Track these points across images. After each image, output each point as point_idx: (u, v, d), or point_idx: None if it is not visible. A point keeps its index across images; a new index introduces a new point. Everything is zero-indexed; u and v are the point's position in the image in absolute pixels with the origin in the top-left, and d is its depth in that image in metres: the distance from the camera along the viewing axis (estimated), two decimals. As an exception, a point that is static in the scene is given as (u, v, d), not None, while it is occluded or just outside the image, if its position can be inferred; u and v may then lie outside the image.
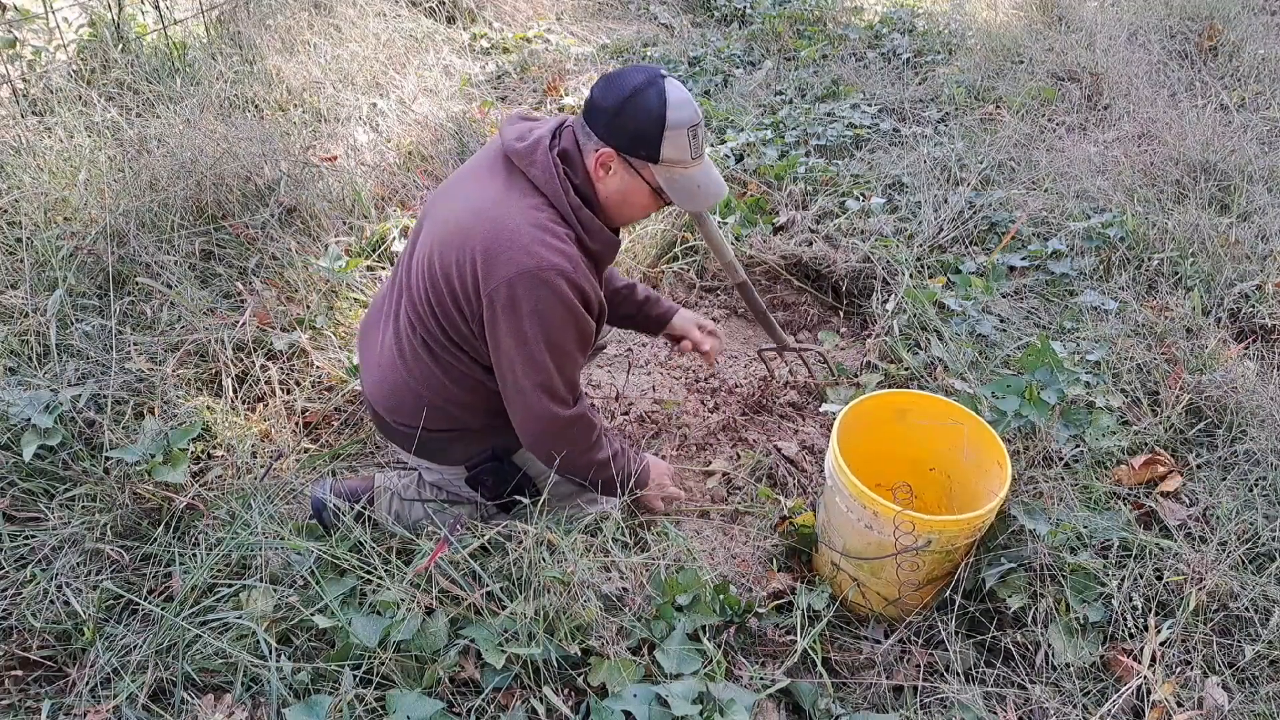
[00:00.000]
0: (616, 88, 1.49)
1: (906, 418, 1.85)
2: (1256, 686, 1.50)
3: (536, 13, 5.88)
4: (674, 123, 1.48)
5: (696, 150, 1.54)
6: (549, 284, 1.48)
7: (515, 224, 1.49)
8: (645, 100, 1.47)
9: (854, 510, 1.61)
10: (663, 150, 1.50)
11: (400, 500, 1.88)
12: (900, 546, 1.54)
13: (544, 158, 1.53)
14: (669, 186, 1.55)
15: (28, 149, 2.74)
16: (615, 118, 1.49)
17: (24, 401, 1.91)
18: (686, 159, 1.53)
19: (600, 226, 1.58)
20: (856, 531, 1.63)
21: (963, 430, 1.77)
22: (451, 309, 1.58)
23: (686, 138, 1.50)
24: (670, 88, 1.48)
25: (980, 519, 1.55)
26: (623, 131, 1.49)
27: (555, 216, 1.53)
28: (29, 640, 1.58)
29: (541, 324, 1.51)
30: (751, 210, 3.19)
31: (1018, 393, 1.88)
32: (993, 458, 1.68)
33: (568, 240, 1.52)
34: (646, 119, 1.47)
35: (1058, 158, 3.41)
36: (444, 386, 1.68)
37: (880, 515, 1.55)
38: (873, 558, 1.62)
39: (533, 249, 1.47)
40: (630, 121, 1.48)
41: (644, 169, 1.54)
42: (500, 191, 1.54)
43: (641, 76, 1.49)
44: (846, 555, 1.67)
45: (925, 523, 1.51)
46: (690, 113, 1.50)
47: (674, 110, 1.48)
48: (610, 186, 1.57)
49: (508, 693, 1.45)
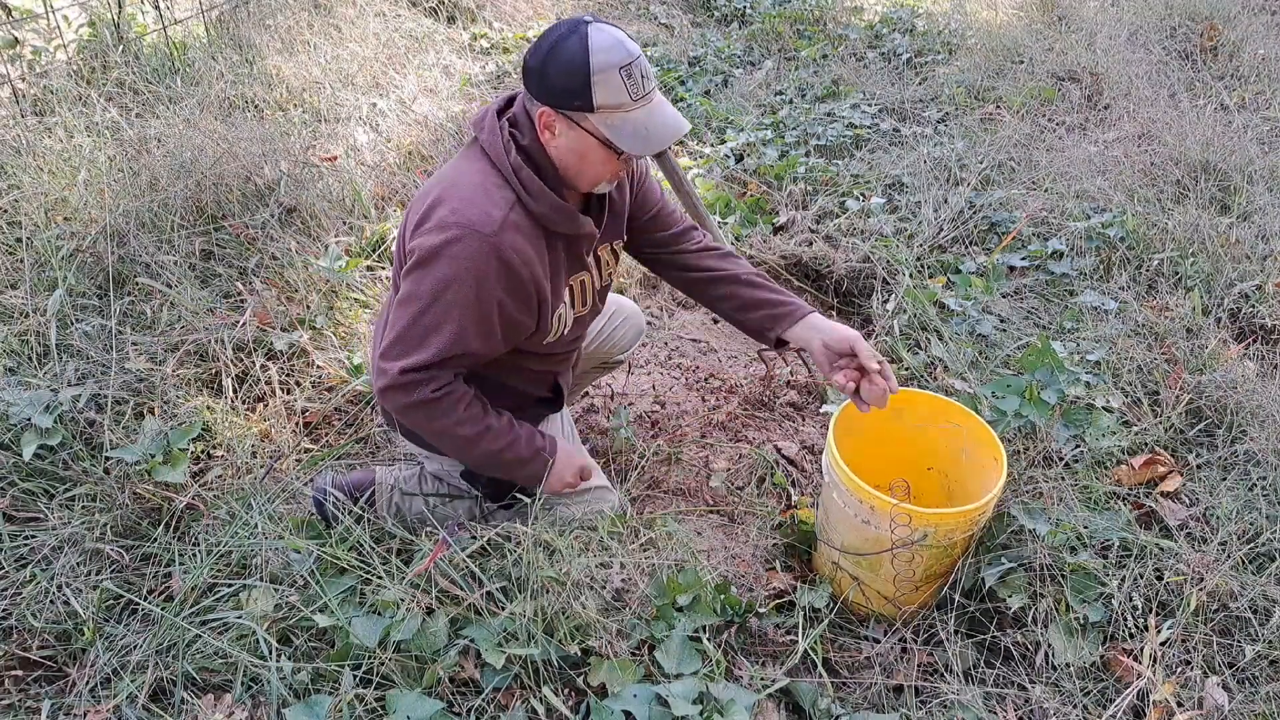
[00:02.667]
0: (541, 43, 1.46)
1: (903, 416, 1.84)
2: (1256, 686, 1.50)
3: (536, 13, 5.88)
4: (600, 66, 1.42)
5: (636, 90, 1.46)
6: (467, 245, 1.45)
7: (452, 186, 1.50)
8: (567, 49, 1.43)
9: (851, 505, 1.61)
10: (594, 96, 1.44)
11: (401, 494, 1.87)
12: (897, 541, 1.54)
13: (490, 121, 1.54)
14: (614, 134, 1.47)
15: (28, 149, 2.74)
16: (543, 73, 1.46)
17: (24, 401, 1.91)
18: (625, 100, 1.46)
19: (541, 187, 1.53)
20: (854, 527, 1.63)
21: (960, 429, 1.77)
22: (399, 271, 1.59)
23: (620, 78, 1.44)
24: (594, 31, 1.44)
25: (977, 511, 1.54)
26: (552, 85, 1.46)
27: (499, 179, 1.52)
28: (29, 640, 1.58)
29: (432, 280, 1.48)
30: (751, 210, 3.19)
31: (1018, 393, 1.88)
32: (989, 454, 1.68)
33: (503, 204, 1.49)
34: (570, 67, 1.43)
35: (1058, 158, 3.41)
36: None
37: (877, 509, 1.55)
38: (870, 553, 1.62)
39: (459, 208, 1.47)
40: (556, 73, 1.44)
41: (584, 120, 1.48)
42: (456, 162, 1.57)
43: (563, 27, 1.45)
44: (845, 552, 1.67)
45: (922, 516, 1.51)
46: (619, 54, 1.44)
47: (598, 54, 1.42)
48: (560, 146, 1.52)
49: (508, 693, 1.45)
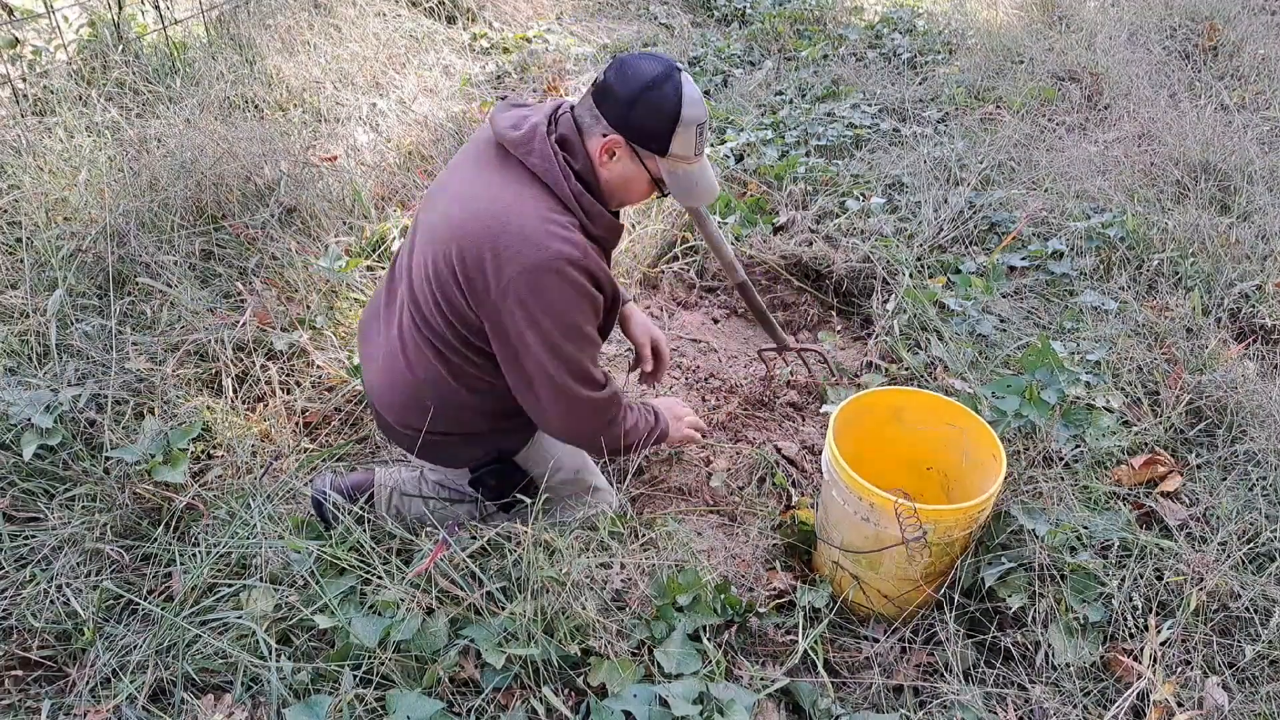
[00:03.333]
0: (633, 77, 1.49)
1: (902, 417, 1.85)
2: (1257, 686, 1.50)
3: (536, 13, 5.88)
4: (687, 120, 1.50)
5: (700, 148, 1.56)
6: (560, 273, 1.47)
7: (519, 217, 1.48)
8: (662, 94, 1.48)
9: (850, 503, 1.61)
10: (672, 145, 1.51)
11: (400, 496, 1.87)
12: (899, 537, 1.54)
13: (542, 145, 1.53)
14: (670, 181, 1.58)
15: (28, 149, 2.74)
16: (630, 107, 1.49)
17: (24, 401, 1.91)
18: (691, 155, 1.55)
19: (601, 211, 1.58)
20: (854, 525, 1.63)
21: (957, 432, 1.77)
22: (465, 308, 1.55)
23: (694, 134, 1.52)
24: (686, 83, 1.50)
25: (976, 508, 1.55)
26: (635, 121, 1.50)
27: (557, 205, 1.52)
28: (29, 640, 1.58)
29: (558, 314, 1.51)
30: (751, 210, 3.19)
31: (1018, 393, 1.88)
32: (988, 453, 1.68)
33: (571, 228, 1.51)
34: (661, 113, 1.48)
35: (1058, 158, 3.41)
36: (451, 389, 1.66)
37: (877, 507, 1.56)
38: (870, 551, 1.62)
39: (539, 240, 1.47)
40: (644, 113, 1.49)
41: (649, 160, 1.55)
42: (498, 184, 1.53)
43: (659, 68, 1.49)
44: (845, 550, 1.67)
45: (922, 513, 1.52)
46: (701, 111, 1.52)
47: (688, 107, 1.49)
48: (613, 172, 1.57)
49: (508, 693, 1.45)
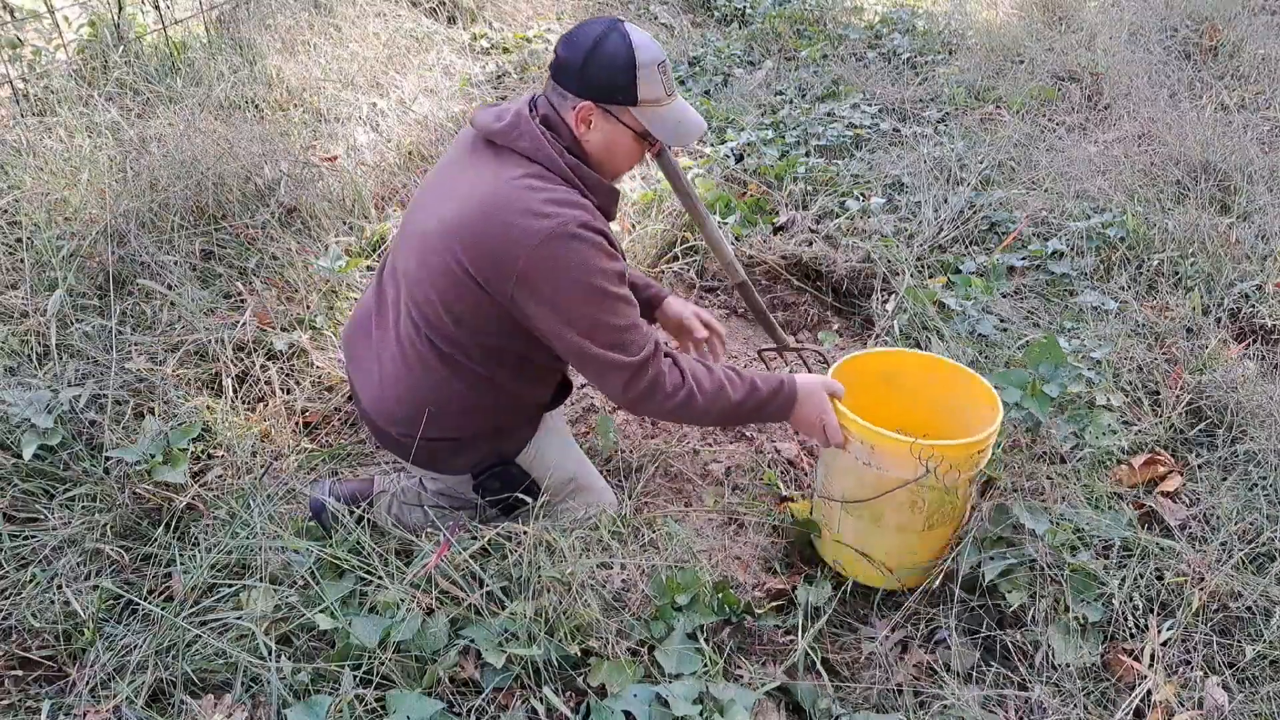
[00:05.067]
0: (579, 40, 1.51)
1: (896, 381, 1.87)
2: (1257, 686, 1.50)
3: (536, 13, 5.88)
4: (643, 61, 1.50)
5: (669, 86, 1.56)
6: (575, 237, 1.47)
7: (520, 196, 1.49)
8: (610, 45, 1.49)
9: (851, 448, 1.65)
10: (638, 91, 1.52)
11: (400, 504, 1.87)
12: (902, 479, 1.57)
13: (528, 126, 1.53)
14: (653, 127, 1.57)
15: (28, 149, 2.74)
16: (584, 69, 1.50)
17: (24, 401, 1.91)
18: (661, 95, 1.55)
19: (599, 180, 1.59)
20: (855, 471, 1.65)
21: (950, 388, 1.81)
22: (485, 304, 1.54)
23: (657, 74, 1.52)
24: (631, 30, 1.51)
25: (977, 447, 1.59)
26: (595, 81, 1.51)
27: (556, 180, 1.53)
28: (29, 640, 1.58)
29: (582, 280, 1.49)
30: (751, 210, 3.19)
31: (1020, 386, 1.88)
32: (983, 403, 1.71)
33: (578, 196, 1.53)
34: (615, 63, 1.49)
35: (1058, 158, 3.41)
36: (456, 391, 1.64)
37: (878, 448, 1.59)
38: (873, 498, 1.63)
39: (545, 211, 1.47)
40: (600, 69, 1.50)
41: (624, 114, 1.55)
42: (491, 174, 1.53)
43: (601, 25, 1.51)
44: (847, 503, 1.69)
45: (922, 447, 1.54)
46: (655, 50, 1.52)
47: (641, 50, 1.50)
48: (595, 140, 1.58)
49: (508, 693, 1.45)
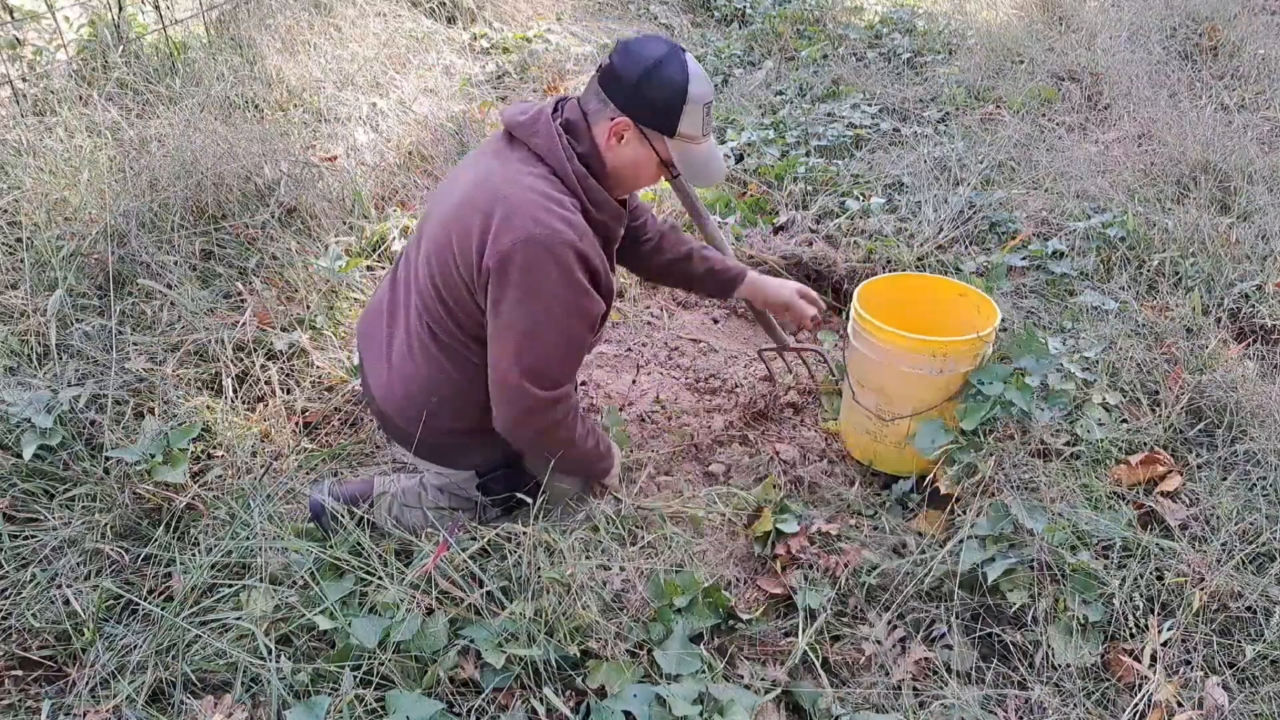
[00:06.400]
0: (638, 57, 1.48)
1: (914, 301, 2.21)
2: (1257, 686, 1.50)
3: (536, 13, 5.88)
4: (694, 97, 1.48)
5: (708, 127, 1.54)
6: (555, 254, 1.45)
7: (519, 191, 1.47)
8: (668, 71, 1.46)
9: (875, 351, 1.97)
10: (680, 124, 1.50)
11: (400, 504, 1.87)
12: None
13: (546, 126, 1.52)
14: (681, 161, 1.55)
15: (28, 149, 2.74)
16: (636, 88, 1.48)
17: (24, 401, 1.91)
18: (699, 134, 1.53)
19: (606, 196, 1.57)
20: (878, 368, 1.99)
21: (962, 305, 2.14)
22: (458, 280, 1.53)
23: (701, 113, 1.51)
24: (690, 61, 1.49)
25: (980, 341, 1.91)
26: (643, 102, 1.49)
27: (560, 185, 1.51)
28: (29, 640, 1.58)
29: (545, 299, 1.47)
30: (751, 210, 3.19)
31: (1001, 379, 1.92)
32: (987, 317, 2.02)
33: (573, 209, 1.50)
34: (668, 91, 1.47)
35: (1058, 158, 3.41)
36: (453, 382, 1.64)
37: (951, 353, 1.91)
38: (943, 402, 1.94)
39: (539, 216, 1.45)
40: (652, 92, 1.47)
41: (658, 141, 1.53)
42: (500, 165, 1.53)
43: (664, 48, 1.48)
44: (885, 395, 2.01)
45: (936, 345, 1.91)
46: (708, 88, 1.51)
47: (695, 84, 1.48)
48: (622, 157, 1.56)
49: (508, 693, 1.45)
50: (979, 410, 1.90)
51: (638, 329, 2.81)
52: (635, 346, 2.75)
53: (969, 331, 1.97)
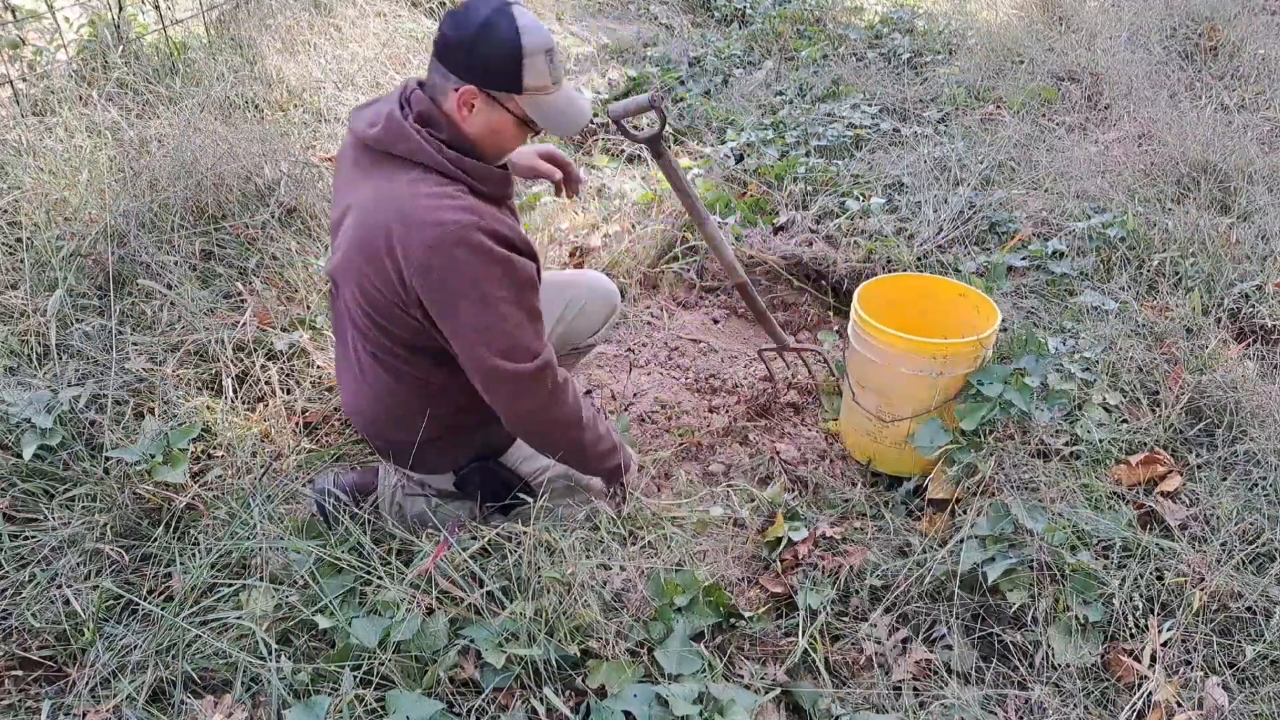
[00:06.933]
0: (466, 22, 1.46)
1: (912, 299, 2.23)
2: (1257, 686, 1.50)
3: (536, 13, 5.87)
4: (530, 48, 1.46)
5: (556, 75, 1.52)
6: (467, 243, 1.45)
7: (406, 205, 1.47)
8: (498, 30, 1.45)
9: (877, 354, 1.99)
10: (524, 78, 1.48)
11: (403, 494, 1.87)
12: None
13: (400, 129, 1.50)
14: (537, 114, 1.54)
15: (28, 149, 2.74)
16: (470, 53, 1.46)
17: (24, 401, 1.91)
18: (548, 84, 1.51)
19: (486, 169, 1.56)
20: (879, 370, 2.00)
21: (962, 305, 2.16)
22: (385, 303, 1.54)
23: (545, 61, 1.49)
24: (520, 14, 1.47)
25: (980, 344, 1.92)
26: (480, 65, 1.47)
27: (439, 179, 1.50)
28: (29, 640, 1.58)
29: (479, 287, 1.48)
30: (751, 210, 3.19)
31: (1001, 380, 1.92)
32: (986, 318, 2.04)
33: (461, 194, 1.49)
34: (503, 49, 1.45)
35: (1058, 158, 3.41)
36: (401, 395, 1.67)
37: (951, 355, 1.93)
38: (943, 403, 1.97)
39: (435, 217, 1.45)
40: (486, 53, 1.46)
41: (508, 100, 1.52)
42: (376, 184, 1.52)
43: (489, 7, 1.46)
44: (885, 396, 2.02)
45: (937, 347, 1.94)
46: (543, 36, 1.49)
47: (527, 35, 1.46)
48: (476, 123, 1.54)
49: (508, 693, 1.45)
50: (979, 410, 1.90)
51: (638, 329, 2.81)
52: (635, 346, 2.75)
53: (969, 332, 1.97)
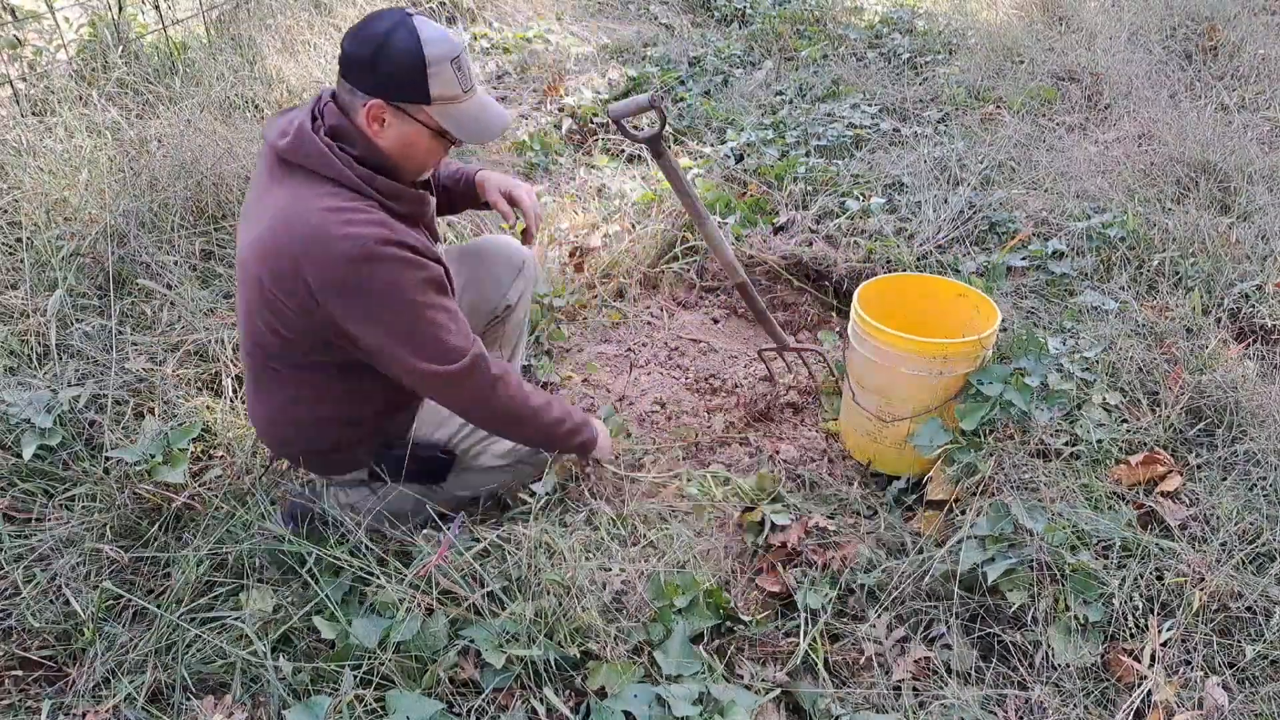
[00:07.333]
0: (366, 37, 1.45)
1: (909, 299, 2.23)
2: (1257, 686, 1.50)
3: (536, 13, 5.88)
4: (434, 58, 1.44)
5: (465, 83, 1.50)
6: (375, 256, 1.44)
7: (315, 220, 1.44)
8: (398, 42, 1.43)
9: (876, 354, 1.97)
10: (431, 88, 1.46)
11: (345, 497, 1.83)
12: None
13: (311, 142, 1.48)
14: (450, 124, 1.52)
15: (28, 149, 2.74)
16: (374, 68, 1.44)
17: (24, 401, 1.91)
18: (458, 92, 1.49)
19: (399, 188, 1.54)
20: (879, 370, 2.00)
21: (962, 305, 2.15)
22: (291, 315, 1.51)
23: (451, 70, 1.47)
24: (421, 24, 1.45)
25: (980, 343, 1.91)
26: (385, 79, 1.45)
27: (350, 195, 1.48)
28: (29, 640, 1.58)
29: (390, 300, 1.47)
30: (751, 210, 3.19)
31: (1001, 380, 1.92)
32: (986, 317, 2.03)
33: (370, 209, 1.48)
34: (405, 61, 1.43)
35: (1058, 158, 3.41)
36: (301, 408, 1.66)
37: (951, 355, 1.92)
38: (944, 403, 1.95)
39: (343, 233, 1.43)
40: (390, 67, 1.44)
41: (419, 112, 1.49)
42: (286, 196, 1.49)
43: (388, 20, 1.45)
44: (886, 397, 2.02)
45: (937, 346, 1.92)
46: (448, 45, 1.46)
47: (430, 46, 1.44)
48: (389, 137, 1.52)
49: (507, 693, 1.45)
50: (979, 410, 1.90)
51: (638, 329, 2.81)
52: (635, 346, 2.75)
53: (969, 332, 1.97)
